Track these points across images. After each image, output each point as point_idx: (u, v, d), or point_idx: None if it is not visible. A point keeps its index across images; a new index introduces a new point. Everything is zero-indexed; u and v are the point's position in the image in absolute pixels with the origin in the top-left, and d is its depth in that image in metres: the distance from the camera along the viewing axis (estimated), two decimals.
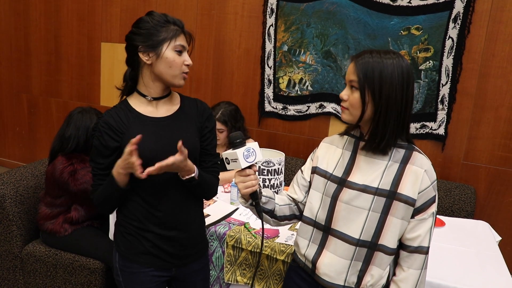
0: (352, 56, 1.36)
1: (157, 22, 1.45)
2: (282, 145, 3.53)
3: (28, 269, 2.46)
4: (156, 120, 1.52)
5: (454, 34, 2.87)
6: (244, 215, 2.32)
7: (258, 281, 2.08)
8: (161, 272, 1.61)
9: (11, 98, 4.80)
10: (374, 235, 1.34)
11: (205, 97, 3.74)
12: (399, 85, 1.26)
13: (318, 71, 3.28)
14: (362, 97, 1.29)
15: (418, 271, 1.35)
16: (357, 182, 1.36)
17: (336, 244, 1.39)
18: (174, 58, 1.46)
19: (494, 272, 1.89)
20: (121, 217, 1.59)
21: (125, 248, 1.58)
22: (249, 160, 1.35)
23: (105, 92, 4.26)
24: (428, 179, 1.31)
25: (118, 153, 1.46)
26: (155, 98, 1.53)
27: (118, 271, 1.62)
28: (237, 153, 1.33)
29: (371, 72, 1.27)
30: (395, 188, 1.32)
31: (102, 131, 1.47)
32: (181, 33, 1.49)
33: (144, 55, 1.47)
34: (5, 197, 2.38)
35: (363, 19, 3.06)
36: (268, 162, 2.45)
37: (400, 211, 1.32)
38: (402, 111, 1.29)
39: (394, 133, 1.31)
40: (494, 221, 2.89)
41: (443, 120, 3.00)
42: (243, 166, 1.34)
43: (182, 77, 1.51)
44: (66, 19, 4.29)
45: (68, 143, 2.31)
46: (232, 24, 3.55)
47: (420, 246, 1.33)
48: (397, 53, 1.31)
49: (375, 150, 1.34)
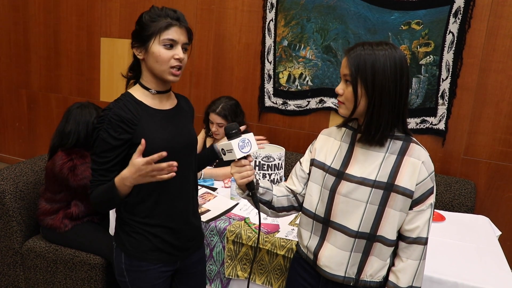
0: (345, 49, 1.37)
1: (149, 17, 1.46)
2: (282, 140, 3.53)
3: (29, 265, 2.46)
4: (162, 112, 1.54)
5: (454, 28, 2.86)
6: (244, 210, 2.32)
7: (258, 275, 2.08)
8: (168, 267, 1.61)
9: (10, 93, 4.78)
10: (372, 227, 1.35)
11: (205, 92, 3.73)
12: (392, 76, 1.27)
13: (318, 66, 3.27)
14: (354, 90, 1.30)
15: (417, 262, 1.36)
16: (355, 175, 1.37)
17: (335, 236, 1.40)
18: (160, 53, 1.43)
19: (494, 267, 1.89)
20: (125, 216, 1.55)
21: (132, 247, 1.55)
22: (244, 150, 1.35)
23: (104, 87, 4.24)
24: (425, 170, 1.32)
25: (126, 148, 1.45)
26: (158, 92, 1.54)
27: (124, 271, 1.57)
28: (232, 144, 1.34)
29: (363, 64, 1.27)
30: (393, 180, 1.33)
31: (113, 123, 1.41)
32: (173, 26, 1.45)
33: (137, 50, 1.49)
34: (5, 193, 2.38)
35: (364, 13, 3.05)
36: (268, 157, 2.45)
37: (398, 203, 1.33)
38: (397, 102, 1.29)
39: (389, 124, 1.31)
40: (494, 216, 2.88)
41: (443, 115, 2.99)
42: (238, 157, 1.35)
43: (169, 72, 1.46)
44: (65, 14, 4.27)
45: (68, 139, 2.31)
46: (232, 19, 3.54)
47: (419, 237, 1.35)
48: (390, 44, 1.31)
49: (371, 142, 1.35)
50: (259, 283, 2.08)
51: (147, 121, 1.48)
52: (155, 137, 1.46)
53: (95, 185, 1.46)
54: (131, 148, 1.44)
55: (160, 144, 1.46)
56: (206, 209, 2.29)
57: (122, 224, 1.57)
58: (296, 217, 2.26)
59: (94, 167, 1.46)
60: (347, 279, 1.41)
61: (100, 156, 1.44)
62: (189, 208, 1.63)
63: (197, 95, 3.77)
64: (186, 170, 1.58)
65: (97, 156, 1.44)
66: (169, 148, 1.41)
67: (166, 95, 1.57)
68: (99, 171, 1.45)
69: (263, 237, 2.04)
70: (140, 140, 1.36)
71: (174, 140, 1.52)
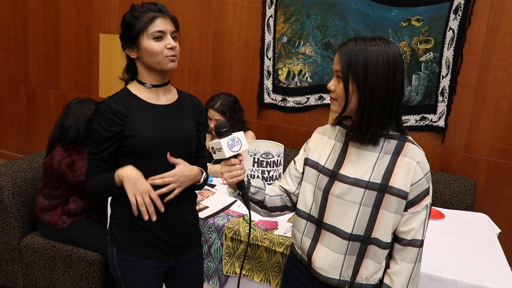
0: (337, 45, 1.33)
1: (131, 16, 1.47)
2: (281, 136, 3.52)
3: (27, 261, 2.46)
4: (158, 106, 1.54)
5: (455, 25, 2.84)
6: (242, 207, 2.31)
7: (256, 273, 2.08)
8: (160, 263, 1.61)
9: (9, 89, 4.77)
10: (366, 229, 1.32)
11: (204, 89, 3.72)
12: (384, 73, 1.22)
13: (318, 62, 3.26)
14: (345, 87, 1.26)
15: (412, 264, 1.33)
16: (348, 175, 1.34)
17: (329, 238, 1.38)
18: (152, 46, 1.45)
19: (494, 265, 1.89)
20: (118, 209, 1.57)
21: (123, 241, 1.56)
22: (234, 149, 1.34)
23: (103, 83, 4.23)
24: (420, 171, 1.29)
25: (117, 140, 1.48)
26: (154, 86, 1.54)
27: (116, 265, 1.59)
28: (221, 143, 1.33)
29: (354, 60, 1.24)
30: (387, 181, 1.29)
31: (105, 115, 1.46)
32: (157, 18, 1.45)
33: (129, 51, 1.51)
34: (3, 189, 2.37)
35: (363, 10, 3.04)
36: (267, 154, 2.44)
37: (392, 205, 1.30)
38: (389, 100, 1.25)
39: (381, 123, 1.27)
40: (494, 214, 2.88)
41: (443, 112, 2.98)
42: (227, 155, 1.34)
43: (168, 60, 1.47)
44: (65, 10, 4.25)
45: (68, 134, 2.30)
46: (232, 15, 3.52)
47: (413, 239, 1.32)
48: (384, 39, 1.27)
49: (361, 140, 1.31)
50: (257, 281, 2.07)
51: (139, 114, 1.49)
52: (145, 130, 1.47)
53: (90, 174, 1.54)
54: (123, 140, 1.48)
55: (150, 137, 1.48)
56: (204, 205, 2.28)
57: (115, 218, 1.59)
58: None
59: (89, 157, 1.54)
60: (342, 282, 1.38)
61: (93, 147, 1.51)
62: (183, 204, 1.61)
63: (196, 91, 3.75)
64: None
65: (91, 146, 1.51)
66: (159, 142, 1.48)
67: (162, 89, 1.57)
68: (93, 161, 1.52)
69: (261, 234, 2.03)
70: (130, 132, 1.45)
71: (166, 135, 1.51)
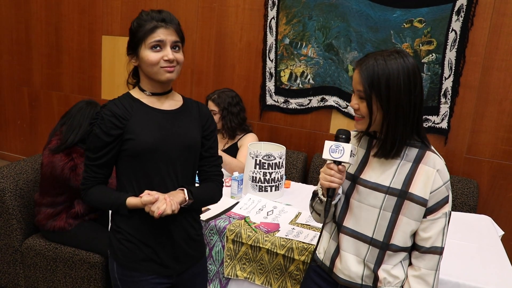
0: (356, 61, 1.34)
1: (137, 24, 1.46)
2: (284, 138, 3.51)
3: (28, 263, 2.46)
4: (160, 111, 1.52)
5: (457, 26, 2.83)
6: (244, 209, 2.30)
7: (258, 275, 2.07)
8: (162, 279, 1.56)
9: (12, 91, 4.78)
10: (386, 234, 1.34)
11: (206, 90, 3.71)
12: (405, 88, 1.25)
13: (320, 64, 3.26)
14: (369, 107, 1.28)
15: (432, 272, 1.34)
16: (369, 180, 1.37)
17: (348, 242, 1.40)
18: (148, 57, 1.43)
19: (497, 267, 1.88)
20: (118, 224, 1.53)
21: (123, 256, 1.52)
22: (334, 155, 1.34)
23: (106, 85, 4.24)
24: (440, 179, 1.32)
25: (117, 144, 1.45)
26: (153, 94, 1.53)
27: (117, 281, 1.55)
28: (326, 143, 1.35)
29: (377, 80, 1.25)
30: (407, 188, 1.32)
31: (105, 118, 1.43)
32: (158, 28, 1.43)
33: (131, 58, 1.51)
34: (5, 191, 2.37)
35: (366, 11, 3.03)
36: (269, 156, 2.44)
37: (411, 211, 1.32)
38: (411, 114, 1.27)
39: (404, 136, 1.30)
40: (497, 216, 2.87)
41: (446, 113, 2.97)
42: (323, 157, 1.35)
43: (164, 71, 1.44)
44: (67, 12, 4.26)
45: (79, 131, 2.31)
46: (234, 17, 3.52)
47: (433, 246, 1.34)
48: (401, 52, 1.28)
49: (387, 157, 1.33)
50: (259, 283, 2.07)
51: (139, 118, 1.47)
52: (145, 133, 1.45)
53: (88, 181, 1.50)
54: (122, 144, 1.46)
55: (150, 141, 1.45)
56: (206, 207, 2.28)
57: (114, 232, 1.55)
58: (296, 217, 2.24)
59: (87, 162, 1.49)
60: (364, 287, 1.40)
61: (93, 152, 1.47)
62: (185, 218, 1.56)
63: (198, 93, 3.75)
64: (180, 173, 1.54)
65: (91, 151, 1.47)
66: (159, 147, 1.45)
67: (164, 96, 1.55)
68: (92, 167, 1.48)
69: (262, 236, 2.02)
70: (129, 135, 1.42)
71: (167, 140, 1.48)
